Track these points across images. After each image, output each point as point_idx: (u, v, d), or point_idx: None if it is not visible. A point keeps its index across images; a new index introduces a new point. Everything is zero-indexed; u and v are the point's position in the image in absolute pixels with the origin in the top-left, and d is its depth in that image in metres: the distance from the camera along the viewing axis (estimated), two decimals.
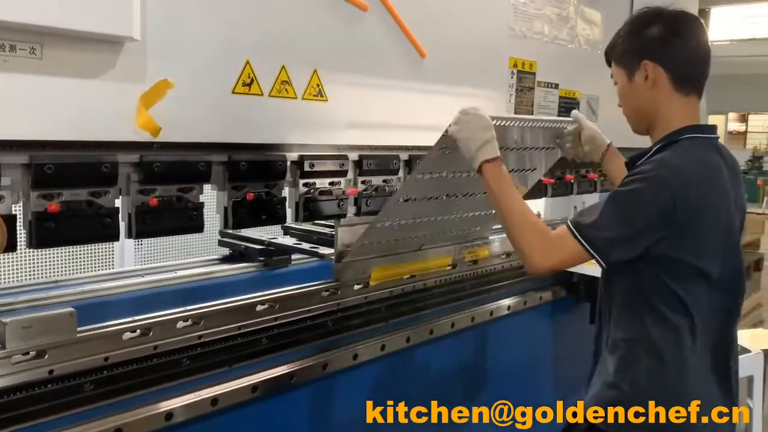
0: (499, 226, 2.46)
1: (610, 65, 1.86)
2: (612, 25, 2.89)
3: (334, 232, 2.50)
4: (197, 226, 1.66)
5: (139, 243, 3.58)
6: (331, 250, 2.24)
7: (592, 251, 1.61)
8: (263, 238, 2.39)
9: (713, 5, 11.08)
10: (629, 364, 1.70)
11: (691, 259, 1.63)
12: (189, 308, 1.75)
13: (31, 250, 3.26)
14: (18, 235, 1.38)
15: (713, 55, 1.76)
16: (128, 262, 3.47)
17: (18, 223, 1.38)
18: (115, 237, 1.52)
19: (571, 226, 1.63)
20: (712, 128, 1.76)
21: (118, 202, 1.52)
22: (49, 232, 1.39)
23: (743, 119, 19.20)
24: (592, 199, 3.80)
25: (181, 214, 1.61)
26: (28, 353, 1.46)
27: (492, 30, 2.39)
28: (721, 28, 11.81)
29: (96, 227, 1.46)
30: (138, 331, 1.63)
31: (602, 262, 1.64)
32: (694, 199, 1.59)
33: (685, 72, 1.71)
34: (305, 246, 2.37)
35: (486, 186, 1.75)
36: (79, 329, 1.54)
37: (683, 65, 1.71)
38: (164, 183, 1.56)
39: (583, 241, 1.61)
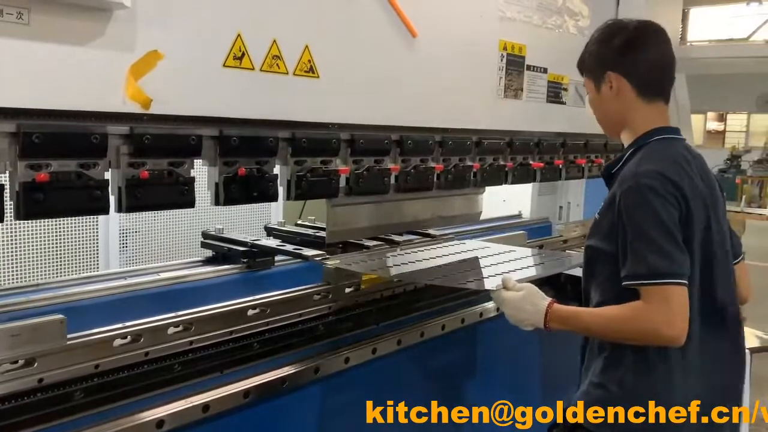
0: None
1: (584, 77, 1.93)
2: (599, 11, 2.92)
3: (317, 233, 2.49)
4: (188, 201, 1.63)
5: (124, 246, 3.53)
6: (315, 252, 2.22)
7: (679, 280, 1.57)
8: (246, 240, 2.37)
9: (692, 6, 11.19)
10: (615, 364, 1.70)
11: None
12: (180, 313, 1.72)
13: (11, 252, 3.21)
14: (5, 206, 1.35)
15: (692, 56, 1.81)
16: (113, 264, 3.42)
17: (5, 194, 1.35)
18: (104, 210, 1.49)
19: (646, 282, 1.58)
20: (677, 129, 1.82)
21: (107, 175, 1.49)
22: (37, 204, 1.36)
23: (721, 118, 19.45)
24: (578, 187, 3.81)
25: (171, 189, 1.59)
26: (16, 362, 1.42)
27: (482, 11, 2.39)
28: (700, 29, 11.94)
29: (85, 199, 1.43)
30: (129, 337, 1.61)
31: (683, 280, 1.60)
32: (679, 192, 1.62)
33: (647, 80, 1.78)
34: (289, 247, 2.34)
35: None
36: (68, 336, 1.50)
37: (644, 74, 1.78)
38: (155, 156, 1.54)
39: (666, 280, 1.57)
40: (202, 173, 1.73)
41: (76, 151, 1.40)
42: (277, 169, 1.82)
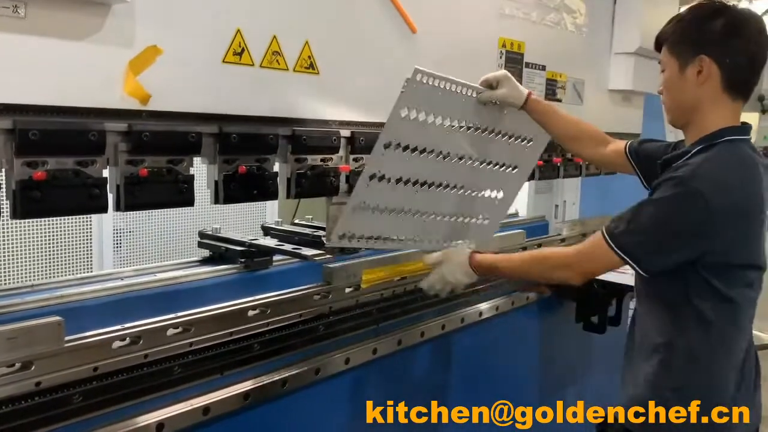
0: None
1: (659, 50, 1.76)
2: (596, 9, 2.91)
3: (315, 233, 2.45)
4: (187, 200, 1.59)
5: (118, 246, 3.49)
6: (314, 251, 2.19)
7: (626, 258, 1.59)
8: (244, 240, 2.34)
9: (684, 5, 11.22)
10: (669, 367, 1.67)
11: (746, 260, 1.61)
12: (179, 315, 1.69)
13: (5, 252, 3.17)
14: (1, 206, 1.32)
15: None
16: (107, 264, 3.38)
17: (1, 193, 1.32)
18: (103, 209, 1.45)
19: (605, 234, 1.62)
20: (747, 129, 1.70)
21: (105, 173, 1.45)
22: (34, 202, 1.32)
23: None
24: (574, 185, 3.80)
25: (171, 187, 1.55)
26: (13, 365, 1.39)
27: (482, 8, 2.37)
28: None
29: (83, 198, 1.40)
30: (127, 339, 1.57)
31: (638, 269, 1.61)
32: (740, 204, 1.57)
33: (738, 74, 1.65)
34: (287, 247, 2.31)
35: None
36: (66, 338, 1.47)
37: (738, 67, 1.64)
38: (153, 153, 1.50)
39: (617, 249, 1.60)
40: (199, 171, 1.70)
41: (74, 149, 1.36)
42: (276, 167, 1.79)
